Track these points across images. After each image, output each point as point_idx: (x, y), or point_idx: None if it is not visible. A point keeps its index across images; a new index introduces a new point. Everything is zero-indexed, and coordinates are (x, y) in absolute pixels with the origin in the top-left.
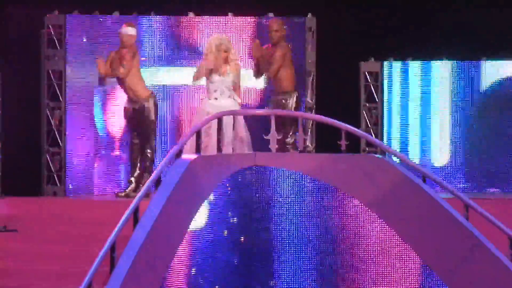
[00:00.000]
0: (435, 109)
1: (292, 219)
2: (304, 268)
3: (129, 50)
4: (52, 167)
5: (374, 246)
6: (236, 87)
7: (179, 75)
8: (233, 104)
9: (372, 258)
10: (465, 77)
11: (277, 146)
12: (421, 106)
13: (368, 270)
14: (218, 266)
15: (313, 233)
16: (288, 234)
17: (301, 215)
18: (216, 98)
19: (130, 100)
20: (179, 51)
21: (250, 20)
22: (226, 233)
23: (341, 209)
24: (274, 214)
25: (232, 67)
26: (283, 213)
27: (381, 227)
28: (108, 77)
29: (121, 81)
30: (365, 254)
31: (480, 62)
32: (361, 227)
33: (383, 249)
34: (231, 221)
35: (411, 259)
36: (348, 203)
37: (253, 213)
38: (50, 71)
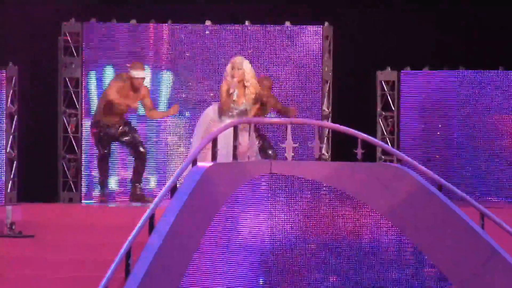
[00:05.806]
0: (451, 118)
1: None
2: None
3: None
4: (68, 174)
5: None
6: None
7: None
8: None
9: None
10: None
11: None
12: (437, 116)
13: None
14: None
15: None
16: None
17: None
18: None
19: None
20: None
21: (268, 28)
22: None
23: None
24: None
25: (248, 96)
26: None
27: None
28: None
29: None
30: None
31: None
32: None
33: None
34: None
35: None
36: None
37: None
38: (67, 79)
